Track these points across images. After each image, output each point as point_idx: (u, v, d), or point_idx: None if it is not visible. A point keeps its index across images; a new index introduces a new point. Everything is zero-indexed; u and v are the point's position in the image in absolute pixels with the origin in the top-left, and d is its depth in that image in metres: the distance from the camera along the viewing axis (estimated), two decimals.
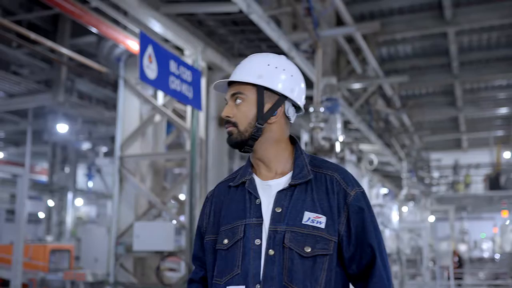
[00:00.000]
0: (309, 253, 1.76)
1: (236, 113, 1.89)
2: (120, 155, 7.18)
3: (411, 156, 19.25)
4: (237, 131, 1.88)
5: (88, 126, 13.74)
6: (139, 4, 5.60)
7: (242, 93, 1.89)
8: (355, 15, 12.29)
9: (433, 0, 12.05)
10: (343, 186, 1.87)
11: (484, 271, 16.44)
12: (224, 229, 1.88)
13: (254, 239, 1.80)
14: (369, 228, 1.84)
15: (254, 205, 1.86)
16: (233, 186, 1.96)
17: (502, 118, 22.02)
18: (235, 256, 1.82)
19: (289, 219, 1.79)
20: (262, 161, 1.92)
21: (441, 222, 26.31)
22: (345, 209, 1.84)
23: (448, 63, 15.30)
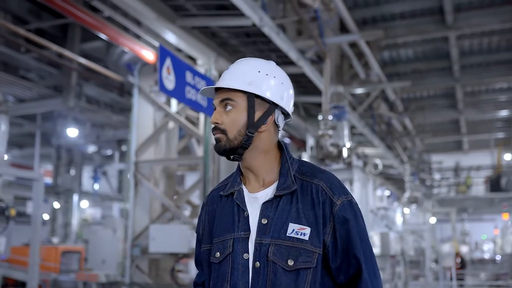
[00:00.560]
0: (292, 267, 1.74)
1: (225, 120, 1.83)
2: (135, 161, 7.39)
3: (413, 159, 19.42)
4: (226, 138, 1.82)
5: (96, 130, 13.93)
6: (157, 17, 5.82)
7: (232, 99, 1.83)
8: (358, 20, 12.47)
9: (435, 5, 12.22)
10: (329, 195, 1.81)
11: (485, 272, 16.61)
12: (216, 241, 1.87)
13: (242, 253, 1.79)
14: (355, 239, 1.79)
15: (243, 218, 1.83)
16: (224, 196, 1.93)
17: (503, 120, 22.20)
18: (225, 270, 1.81)
19: (274, 231, 1.77)
20: (250, 170, 1.88)
21: (442, 223, 26.48)
22: (331, 219, 1.79)
23: (449, 67, 15.45)
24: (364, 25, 12.82)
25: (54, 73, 10.85)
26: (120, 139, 15.49)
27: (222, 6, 6.24)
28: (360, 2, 11.81)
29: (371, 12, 12.45)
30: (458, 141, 24.72)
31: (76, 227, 17.08)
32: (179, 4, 6.33)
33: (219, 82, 1.88)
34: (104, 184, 20.13)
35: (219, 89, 1.87)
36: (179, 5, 6.33)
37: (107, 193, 20.54)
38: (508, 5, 12.08)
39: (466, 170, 24.86)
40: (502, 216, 25.97)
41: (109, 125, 13.44)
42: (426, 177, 21.64)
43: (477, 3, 12.25)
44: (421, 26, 12.86)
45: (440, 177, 25.39)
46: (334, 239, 1.78)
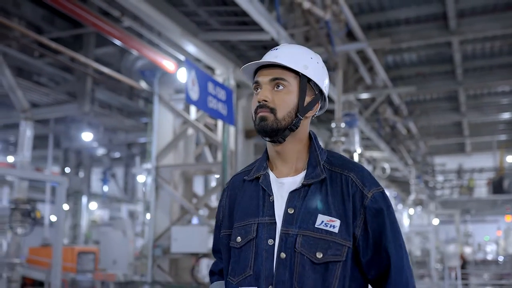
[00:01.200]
0: (321, 260, 1.68)
1: (275, 99, 1.77)
2: (156, 165, 7.68)
3: (418, 162, 19.65)
4: (274, 118, 1.75)
5: (108, 133, 14.20)
6: (181, 32, 6.10)
7: (285, 79, 1.78)
8: (363, 25, 12.72)
9: (438, 11, 12.42)
10: (360, 187, 1.76)
11: (488, 272, 16.84)
12: (237, 226, 1.82)
13: (267, 239, 1.73)
14: (387, 232, 1.74)
15: (268, 203, 1.78)
16: (248, 180, 1.89)
17: (505, 123, 22.41)
18: (248, 256, 1.76)
19: (302, 221, 1.71)
20: (281, 156, 1.83)
21: (445, 225, 26.67)
22: (361, 211, 1.73)
23: (452, 70, 15.60)
24: (369, 30, 13.05)
25: (69, 78, 11.11)
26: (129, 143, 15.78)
27: (243, 22, 6.53)
28: (365, 8, 12.03)
29: (376, 18, 12.66)
30: (461, 143, 24.93)
31: (85, 228, 17.34)
32: (203, 20, 6.64)
33: (271, 58, 1.81)
34: (113, 186, 20.38)
35: (265, 67, 1.82)
36: (203, 21, 6.64)
37: (115, 195, 20.79)
38: (510, 11, 12.31)
39: (469, 172, 25.03)
40: (505, 218, 26.15)
41: (121, 128, 13.71)
42: (429, 179, 21.87)
43: (479, 9, 12.45)
44: (425, 31, 13.07)
45: (443, 179, 25.60)
46: (365, 232, 1.73)
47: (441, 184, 25.22)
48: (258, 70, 1.85)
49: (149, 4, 5.56)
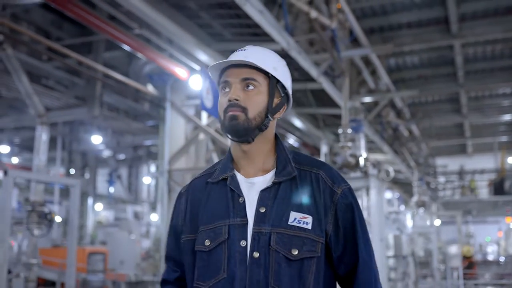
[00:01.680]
0: (297, 256, 1.68)
1: (246, 99, 1.76)
2: (168, 169, 7.89)
3: (420, 164, 19.84)
4: (245, 117, 1.75)
5: (116, 136, 14.41)
6: (196, 42, 6.32)
7: (256, 80, 1.78)
8: (365, 29, 12.89)
9: (440, 15, 12.57)
10: (329, 184, 1.79)
11: (489, 272, 17.06)
12: (205, 229, 1.77)
13: (239, 240, 1.71)
14: (357, 226, 1.78)
15: (238, 204, 1.75)
16: (212, 183, 1.85)
17: (506, 124, 22.58)
18: (219, 259, 1.71)
19: (274, 219, 1.71)
20: (248, 156, 1.82)
21: (447, 225, 26.83)
22: (332, 208, 1.76)
23: (454, 73, 15.70)
24: (371, 34, 13.23)
25: (77, 82, 11.32)
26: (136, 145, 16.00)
27: (254, 33, 6.76)
28: (368, 12, 12.18)
29: (378, 22, 12.83)
30: (462, 144, 25.10)
31: (91, 229, 17.56)
32: (217, 32, 6.89)
33: (241, 58, 1.80)
34: (117, 187, 20.60)
35: (233, 66, 1.81)
36: (216, 32, 6.89)
37: (119, 196, 21.00)
38: (511, 15, 12.49)
39: (470, 174, 25.18)
40: (506, 220, 26.33)
41: (128, 131, 13.92)
42: (431, 180, 22.05)
43: (481, 13, 12.61)
44: (426, 35, 13.22)
45: (445, 180, 25.76)
46: (336, 228, 1.75)
47: (442, 185, 25.37)
48: (226, 70, 1.82)
49: (166, 17, 5.79)
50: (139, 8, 5.43)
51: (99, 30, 6.31)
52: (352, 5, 10.55)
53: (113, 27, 6.42)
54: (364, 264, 1.76)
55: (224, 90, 1.81)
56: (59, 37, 11.65)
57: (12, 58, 6.64)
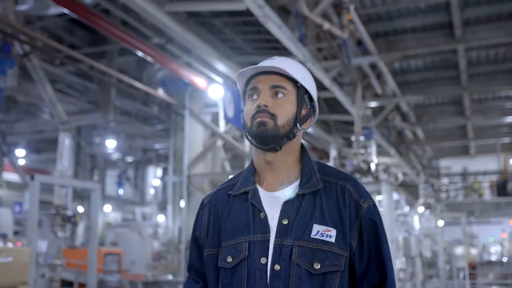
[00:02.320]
0: (319, 270, 1.62)
1: (275, 106, 1.72)
2: (187, 174, 8.18)
3: (426, 167, 20.04)
4: (274, 124, 1.70)
5: (128, 140, 14.67)
6: (218, 55, 6.61)
7: (285, 88, 1.75)
8: (371, 34, 13.12)
9: (444, 20, 12.78)
10: (355, 197, 1.73)
11: (493, 273, 17.28)
12: (227, 245, 1.73)
13: (259, 257, 1.65)
14: (382, 243, 1.73)
15: (259, 220, 1.70)
16: (233, 195, 1.80)
17: (509, 126, 22.78)
18: (240, 276, 1.67)
19: (296, 232, 1.66)
20: (272, 166, 1.76)
21: (450, 226, 27.05)
22: (357, 222, 1.71)
23: (457, 76, 15.85)
24: (376, 38, 13.47)
25: (90, 86, 11.58)
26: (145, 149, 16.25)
27: (274, 47, 7.03)
28: (373, 17, 12.41)
29: (384, 27, 13.06)
30: (465, 145, 25.29)
31: (100, 230, 17.79)
32: (238, 46, 7.19)
33: (271, 65, 1.77)
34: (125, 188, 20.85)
35: (262, 73, 1.78)
36: (237, 46, 7.19)
37: (127, 197, 21.26)
38: None
39: (474, 175, 25.35)
40: (510, 222, 26.57)
41: (140, 135, 14.19)
42: (434, 181, 22.28)
43: (484, 18, 12.83)
44: (431, 39, 13.42)
45: (448, 181, 25.96)
46: (360, 243, 1.70)
47: (446, 186, 25.58)
48: (254, 77, 1.79)
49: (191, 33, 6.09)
50: (168, 26, 5.73)
51: (121, 41, 6.57)
52: (358, 11, 10.80)
53: (134, 37, 6.68)
54: (391, 281, 1.73)
55: (251, 98, 1.77)
56: (71, 42, 11.90)
57: (37, 68, 6.89)
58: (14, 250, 4.73)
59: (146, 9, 5.35)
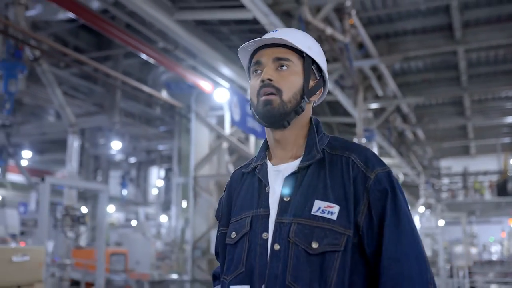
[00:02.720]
0: (316, 250, 1.50)
1: (280, 80, 1.62)
2: (194, 175, 8.36)
3: (426, 168, 20.19)
4: (280, 100, 1.60)
5: (133, 141, 14.84)
6: (224, 61, 6.80)
7: (289, 59, 1.64)
8: (372, 36, 13.26)
9: (444, 22, 12.90)
10: (362, 169, 1.58)
11: (493, 271, 17.48)
12: (233, 221, 1.69)
13: (261, 233, 1.58)
14: (395, 211, 1.53)
15: (264, 194, 1.63)
16: (246, 173, 1.77)
17: (509, 126, 22.93)
18: (241, 252, 1.61)
19: (297, 208, 1.55)
20: (281, 143, 1.69)
21: (451, 226, 27.21)
22: (364, 196, 1.55)
23: (457, 77, 15.96)
24: (377, 40, 13.62)
25: (94, 88, 11.74)
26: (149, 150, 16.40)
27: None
28: (374, 20, 12.55)
29: (384, 29, 13.20)
30: (466, 146, 25.43)
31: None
32: None
33: (273, 37, 1.68)
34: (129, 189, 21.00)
35: (265, 47, 1.69)
36: None
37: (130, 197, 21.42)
38: None
39: (474, 175, 25.51)
40: (509, 222, 26.74)
41: (144, 136, 14.35)
42: (435, 181, 22.45)
43: (484, 19, 12.95)
44: (431, 41, 13.55)
45: (449, 181, 26.13)
46: (369, 219, 1.54)
47: (447, 186, 25.75)
48: (257, 51, 1.70)
49: (199, 40, 6.29)
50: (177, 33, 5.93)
51: (128, 45, 6.73)
52: (359, 14, 10.94)
53: (141, 42, 6.85)
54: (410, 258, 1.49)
55: (256, 73, 1.68)
56: (76, 45, 12.05)
57: (48, 72, 7.05)
58: (31, 249, 4.90)
59: (157, 18, 5.55)
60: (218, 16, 5.95)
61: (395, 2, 11.78)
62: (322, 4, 7.34)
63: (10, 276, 4.41)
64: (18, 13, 6.63)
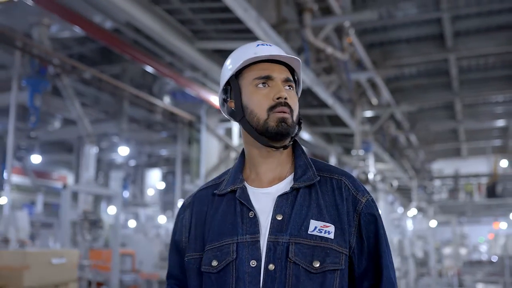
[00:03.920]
0: (318, 269, 1.50)
1: (289, 100, 1.60)
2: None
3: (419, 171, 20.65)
4: (292, 121, 1.59)
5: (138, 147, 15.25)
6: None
7: (292, 81, 1.65)
8: (366, 44, 13.73)
9: (436, 31, 13.37)
10: (353, 192, 1.61)
11: (482, 271, 18.01)
12: (211, 248, 1.58)
13: (249, 260, 1.52)
14: (382, 239, 1.61)
15: (247, 219, 1.57)
16: (219, 195, 1.65)
17: (499, 129, 23.37)
18: (227, 281, 1.53)
19: (292, 228, 1.53)
20: (269, 163, 1.65)
21: (443, 227, 27.74)
22: (355, 218, 1.58)
23: (449, 82, 16.41)
24: (371, 48, 14.10)
25: (103, 97, 12.14)
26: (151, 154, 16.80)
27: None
28: (369, 28, 13.00)
29: (379, 37, 13.67)
30: (457, 148, 25.96)
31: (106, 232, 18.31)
32: None
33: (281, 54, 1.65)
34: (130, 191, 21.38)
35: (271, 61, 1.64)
36: None
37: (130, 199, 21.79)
38: (502, 31, 13.37)
39: (465, 178, 25.96)
40: (493, 225, 27.31)
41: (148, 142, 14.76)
42: (427, 184, 22.98)
43: (474, 29, 13.42)
44: (423, 49, 14.01)
45: (440, 183, 26.57)
46: (360, 240, 1.59)
47: (439, 188, 26.16)
48: (259, 62, 1.64)
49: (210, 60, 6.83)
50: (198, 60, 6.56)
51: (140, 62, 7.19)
52: (355, 25, 11.41)
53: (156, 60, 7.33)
54: (388, 282, 1.60)
55: (262, 86, 1.61)
56: (81, 52, 12.37)
57: (68, 87, 7.52)
58: (66, 252, 5.38)
59: (178, 47, 6.22)
60: (233, 45, 6.54)
61: (390, 14, 12.27)
62: (322, 24, 7.89)
63: (49, 277, 4.90)
64: (42, 33, 7.08)
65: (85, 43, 12.37)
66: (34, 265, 4.83)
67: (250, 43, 1.72)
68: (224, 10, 5.78)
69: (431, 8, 12.16)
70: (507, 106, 19.63)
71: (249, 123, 1.61)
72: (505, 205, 22.59)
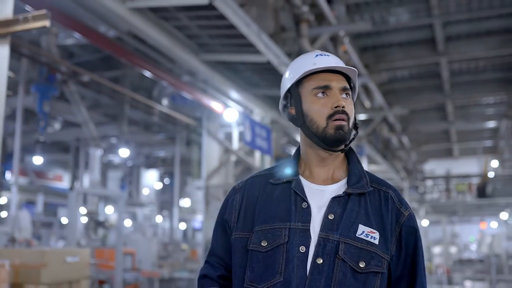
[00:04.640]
0: (363, 269, 1.62)
1: (346, 107, 1.69)
2: (205, 185, 9.23)
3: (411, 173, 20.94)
4: (348, 127, 1.69)
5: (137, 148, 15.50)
6: (237, 88, 7.75)
7: (349, 89, 1.74)
8: (360, 48, 14.08)
9: (428, 35, 13.70)
10: (397, 205, 1.74)
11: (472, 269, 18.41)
12: (261, 229, 1.69)
13: (298, 246, 1.63)
14: (419, 251, 1.74)
15: (301, 209, 1.68)
16: (273, 184, 1.77)
17: (490, 130, 23.78)
18: (276, 261, 1.64)
19: (343, 229, 1.64)
20: (325, 163, 1.76)
21: (434, 226, 28.12)
22: (397, 229, 1.71)
23: (441, 85, 16.77)
24: (365, 51, 14.44)
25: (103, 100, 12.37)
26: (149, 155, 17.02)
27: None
28: (362, 33, 13.32)
29: (372, 41, 14.01)
30: (449, 148, 26.37)
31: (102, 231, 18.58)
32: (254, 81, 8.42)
33: (340, 65, 1.75)
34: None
35: (328, 71, 1.73)
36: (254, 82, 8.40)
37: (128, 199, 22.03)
38: (492, 36, 13.74)
39: (456, 178, 26.31)
40: (480, 225, 27.68)
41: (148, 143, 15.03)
42: (419, 184, 23.35)
43: (465, 34, 13.78)
44: (416, 52, 14.35)
45: (432, 183, 26.93)
46: (399, 249, 1.71)
47: (430, 188, 26.50)
48: (318, 73, 1.73)
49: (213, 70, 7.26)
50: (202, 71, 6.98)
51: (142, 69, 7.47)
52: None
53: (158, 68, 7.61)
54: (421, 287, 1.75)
55: (322, 95, 1.71)
56: (83, 58, 12.60)
57: (75, 93, 7.80)
58: (80, 251, 5.68)
59: (185, 59, 6.64)
60: (238, 58, 6.98)
61: (383, 19, 12.60)
62: (318, 34, 8.28)
63: (64, 274, 5.21)
64: (50, 41, 7.36)
65: (87, 49, 12.61)
66: (51, 263, 5.14)
67: (309, 52, 1.84)
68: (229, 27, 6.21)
69: (423, 14, 12.49)
70: (497, 108, 19.98)
71: (309, 129, 1.73)
72: (495, 204, 23.00)
